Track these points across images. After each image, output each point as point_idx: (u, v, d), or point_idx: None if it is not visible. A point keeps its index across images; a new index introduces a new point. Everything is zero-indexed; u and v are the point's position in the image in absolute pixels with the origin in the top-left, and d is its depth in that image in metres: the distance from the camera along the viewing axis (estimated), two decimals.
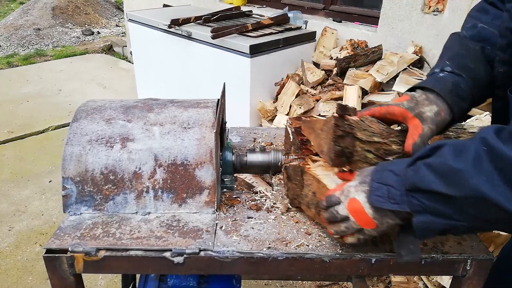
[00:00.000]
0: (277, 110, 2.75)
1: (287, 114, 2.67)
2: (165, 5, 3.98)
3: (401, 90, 2.36)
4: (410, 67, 2.47)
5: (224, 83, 1.26)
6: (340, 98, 2.48)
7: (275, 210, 1.07)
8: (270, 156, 1.22)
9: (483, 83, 0.94)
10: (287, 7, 3.37)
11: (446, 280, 1.75)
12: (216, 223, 1.01)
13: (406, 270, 1.08)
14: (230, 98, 2.02)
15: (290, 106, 2.67)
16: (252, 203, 1.10)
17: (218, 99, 1.18)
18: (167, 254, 0.91)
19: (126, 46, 6.04)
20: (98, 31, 7.45)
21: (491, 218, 0.68)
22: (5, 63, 5.74)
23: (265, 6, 3.75)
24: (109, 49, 6.49)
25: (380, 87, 2.51)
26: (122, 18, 8.03)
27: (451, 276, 1.02)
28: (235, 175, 1.22)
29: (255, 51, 2.57)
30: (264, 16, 3.22)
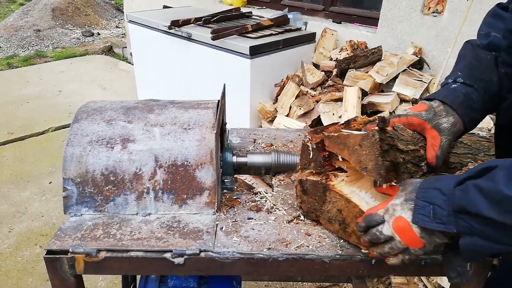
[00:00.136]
0: (277, 111, 2.75)
1: (287, 115, 2.67)
2: (165, 6, 3.98)
3: (401, 91, 2.37)
4: (410, 68, 2.48)
5: (224, 84, 1.26)
6: (340, 99, 2.48)
7: (275, 211, 1.07)
8: (270, 157, 1.22)
9: (495, 93, 0.95)
10: (287, 8, 3.38)
11: (446, 281, 1.75)
12: (217, 224, 1.01)
13: (406, 271, 1.08)
14: (230, 99, 2.03)
15: (290, 107, 2.67)
16: (252, 204, 1.10)
17: (219, 100, 1.18)
18: (168, 255, 0.91)
19: (126, 47, 6.04)
20: (98, 32, 7.45)
21: None
22: (5, 64, 5.74)
23: (265, 7, 3.75)
24: (109, 50, 6.50)
25: (380, 88, 2.52)
26: (122, 19, 8.04)
27: None
28: (235, 176, 1.22)
29: (255, 52, 2.58)
30: (264, 17, 3.23)
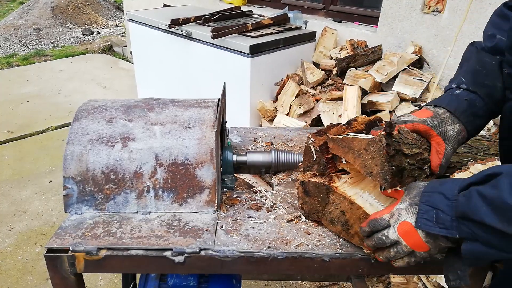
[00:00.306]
0: (277, 110, 2.75)
1: (287, 114, 2.67)
2: (165, 5, 3.98)
3: (401, 90, 2.37)
4: (410, 67, 2.48)
5: (225, 83, 1.27)
6: (340, 98, 2.48)
7: (275, 210, 1.08)
8: (270, 156, 1.22)
9: (499, 98, 0.95)
10: (287, 7, 3.37)
11: None
12: (217, 223, 1.01)
13: (406, 271, 1.08)
14: (230, 98, 2.03)
15: (290, 106, 2.67)
16: (252, 203, 1.10)
17: (219, 99, 1.18)
18: (168, 254, 0.92)
19: (126, 46, 6.04)
20: (98, 31, 7.45)
21: None
22: (5, 63, 5.74)
23: (265, 6, 3.75)
24: (109, 49, 6.49)
25: (380, 87, 2.52)
26: (122, 18, 8.04)
27: None
28: (235, 175, 1.22)
29: (255, 51, 2.58)
30: (264, 16, 3.22)
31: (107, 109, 1.12)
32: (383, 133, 0.82)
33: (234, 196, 1.13)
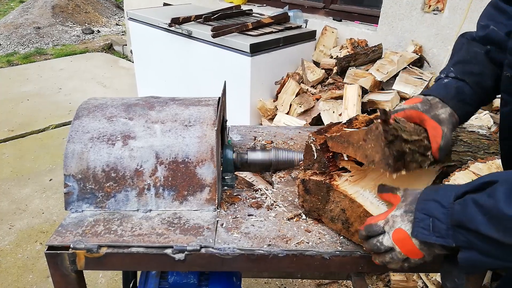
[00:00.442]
0: (277, 109, 2.75)
1: (287, 113, 2.68)
2: (165, 4, 3.98)
3: (401, 89, 2.37)
4: (410, 66, 2.48)
5: (225, 81, 1.27)
6: (340, 97, 2.48)
7: (276, 208, 1.08)
8: (271, 155, 1.22)
9: (488, 87, 0.95)
10: (287, 6, 3.37)
11: None
12: (217, 221, 1.01)
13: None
14: (230, 97, 2.03)
15: (290, 105, 2.67)
16: (253, 201, 1.11)
17: (219, 97, 1.19)
18: (168, 251, 0.92)
19: (126, 45, 6.03)
20: (98, 30, 7.44)
21: None
22: (5, 62, 5.74)
23: (265, 5, 3.75)
24: (109, 48, 6.49)
25: (380, 86, 2.52)
26: (122, 17, 8.03)
27: None
28: (236, 173, 1.22)
29: (256, 50, 2.58)
30: (264, 15, 3.22)
31: (108, 108, 1.12)
32: (379, 121, 0.82)
33: (235, 194, 1.14)
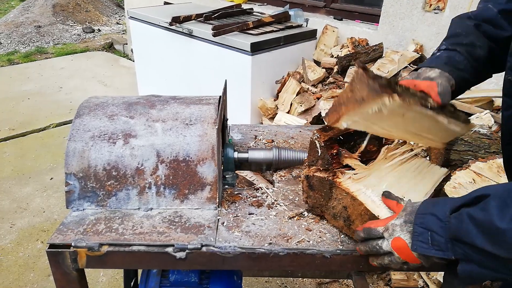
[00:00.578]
0: (278, 108, 2.75)
1: (288, 112, 2.68)
2: (166, 3, 3.97)
3: None
4: (411, 65, 2.48)
5: (226, 80, 1.27)
6: None
7: (276, 207, 1.08)
8: (272, 154, 1.22)
9: (480, 56, 0.97)
10: (288, 5, 3.37)
11: None
12: (218, 219, 1.02)
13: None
14: (231, 96, 2.02)
15: (291, 104, 2.67)
16: (254, 200, 1.11)
17: (220, 96, 1.19)
18: (170, 249, 0.92)
19: (127, 44, 6.03)
20: (99, 29, 7.44)
21: None
22: (6, 61, 5.74)
23: (266, 4, 3.75)
24: (110, 47, 6.49)
25: None
26: (123, 16, 8.03)
27: None
28: (236, 172, 1.22)
29: (256, 49, 2.58)
30: (265, 14, 3.22)
31: (109, 106, 1.12)
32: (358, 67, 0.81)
33: (235, 193, 1.14)
